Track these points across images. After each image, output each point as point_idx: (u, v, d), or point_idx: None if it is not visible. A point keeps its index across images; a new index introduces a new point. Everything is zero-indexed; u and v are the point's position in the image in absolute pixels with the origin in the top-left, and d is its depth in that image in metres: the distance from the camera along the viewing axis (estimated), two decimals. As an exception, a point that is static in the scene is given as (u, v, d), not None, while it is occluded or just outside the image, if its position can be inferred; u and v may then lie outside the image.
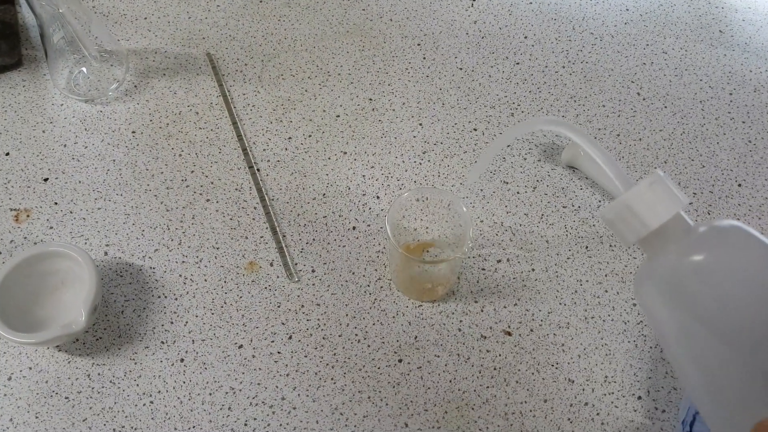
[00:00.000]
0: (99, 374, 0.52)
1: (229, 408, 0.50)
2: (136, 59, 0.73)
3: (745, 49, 0.76)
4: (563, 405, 0.51)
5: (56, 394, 0.51)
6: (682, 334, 0.35)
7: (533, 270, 0.58)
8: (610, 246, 0.60)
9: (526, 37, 0.76)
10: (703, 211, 0.62)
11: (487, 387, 0.52)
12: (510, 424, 0.50)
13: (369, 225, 0.61)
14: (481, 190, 0.63)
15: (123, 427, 0.50)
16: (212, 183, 0.63)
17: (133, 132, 0.67)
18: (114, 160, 0.65)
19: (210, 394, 0.51)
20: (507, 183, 0.63)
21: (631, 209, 0.35)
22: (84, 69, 0.70)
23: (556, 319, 0.55)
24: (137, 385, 0.52)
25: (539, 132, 0.67)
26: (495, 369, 0.53)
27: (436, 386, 0.52)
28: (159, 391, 0.51)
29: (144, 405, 0.51)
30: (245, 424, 0.50)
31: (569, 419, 0.50)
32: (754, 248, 0.33)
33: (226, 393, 0.51)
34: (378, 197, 0.62)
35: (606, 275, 0.58)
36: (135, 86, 0.70)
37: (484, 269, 0.58)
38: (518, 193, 0.63)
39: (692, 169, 0.65)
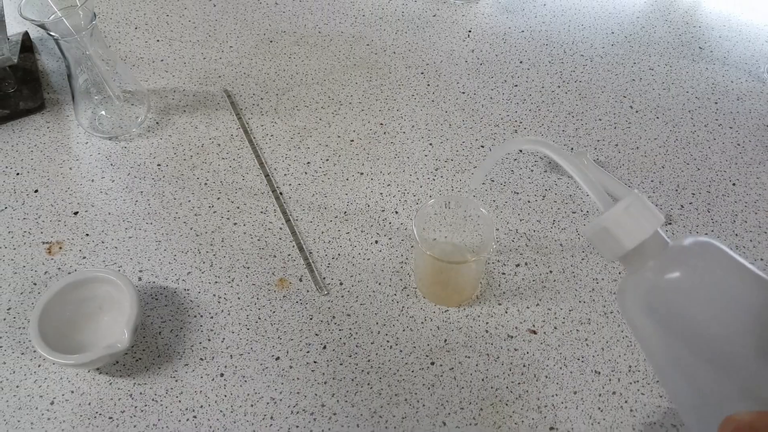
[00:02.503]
0: (141, 393, 0.52)
1: (272, 417, 0.51)
2: (156, 98, 0.75)
3: (724, 62, 0.80)
4: (592, 395, 0.52)
5: (100, 415, 0.52)
6: (660, 346, 0.36)
7: (551, 272, 0.60)
8: (621, 246, 0.62)
9: (521, 62, 0.80)
10: (703, 209, 0.65)
11: (519, 383, 0.53)
12: (543, 417, 0.51)
13: (390, 238, 0.62)
14: (494, 201, 0.65)
15: (168, 442, 0.50)
16: (238, 208, 0.65)
17: (158, 165, 0.69)
18: (141, 192, 0.66)
19: (252, 405, 0.51)
20: (517, 193, 0.66)
21: (608, 231, 0.35)
22: (103, 112, 0.72)
23: (577, 316, 0.57)
24: (179, 401, 0.52)
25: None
26: (524, 366, 0.54)
27: (470, 385, 0.53)
28: (201, 406, 0.52)
29: (188, 420, 0.51)
30: (288, 430, 0.50)
31: (599, 408, 0.51)
32: (726, 265, 0.35)
33: (267, 403, 0.52)
34: (396, 212, 0.64)
35: (620, 273, 0.60)
36: (157, 123, 0.73)
37: (504, 273, 0.60)
38: (529, 201, 0.65)
39: (688, 171, 0.68)
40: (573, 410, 0.51)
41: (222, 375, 0.53)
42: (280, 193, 0.66)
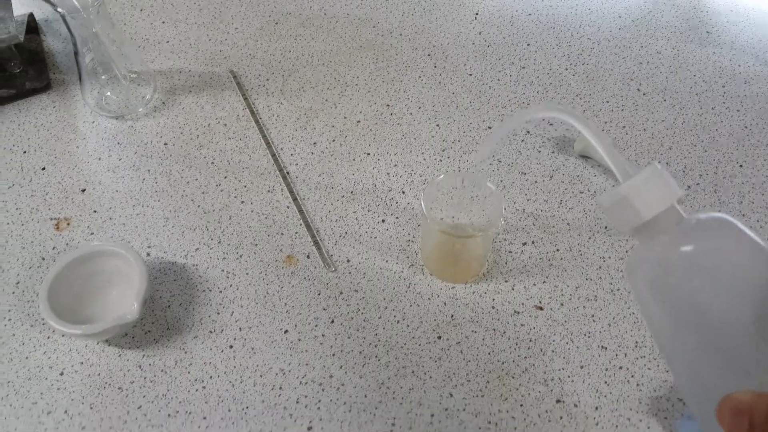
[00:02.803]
0: (150, 365, 0.54)
1: (280, 388, 0.52)
2: (163, 79, 0.77)
3: (732, 46, 0.82)
4: (599, 370, 0.54)
5: (109, 385, 0.53)
6: (665, 319, 0.36)
7: (558, 250, 0.61)
8: (627, 225, 0.63)
9: (528, 45, 0.81)
10: (710, 190, 0.66)
11: (525, 357, 0.54)
12: (550, 390, 0.53)
13: (397, 218, 0.64)
14: (501, 181, 0.67)
15: (177, 411, 0.52)
16: (245, 186, 0.66)
17: (165, 144, 0.70)
18: (149, 170, 0.68)
19: (261, 376, 0.53)
20: (525, 174, 0.67)
21: (627, 200, 0.36)
22: (110, 92, 0.74)
23: (584, 293, 0.58)
24: (188, 372, 0.54)
25: (550, 126, 0.72)
26: (531, 341, 0.55)
27: (476, 359, 0.54)
28: (210, 377, 0.53)
29: (197, 390, 0.53)
30: (297, 402, 0.52)
31: (606, 382, 0.53)
32: (739, 241, 0.35)
33: (276, 374, 0.53)
34: (403, 192, 0.66)
35: (626, 251, 0.61)
36: (163, 103, 0.74)
37: (511, 252, 0.61)
38: (536, 182, 0.67)
39: (696, 153, 0.70)
40: (579, 384, 0.53)
41: (231, 347, 0.55)
42: (287, 173, 0.68)
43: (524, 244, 0.62)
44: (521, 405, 0.52)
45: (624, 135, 0.71)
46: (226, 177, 0.67)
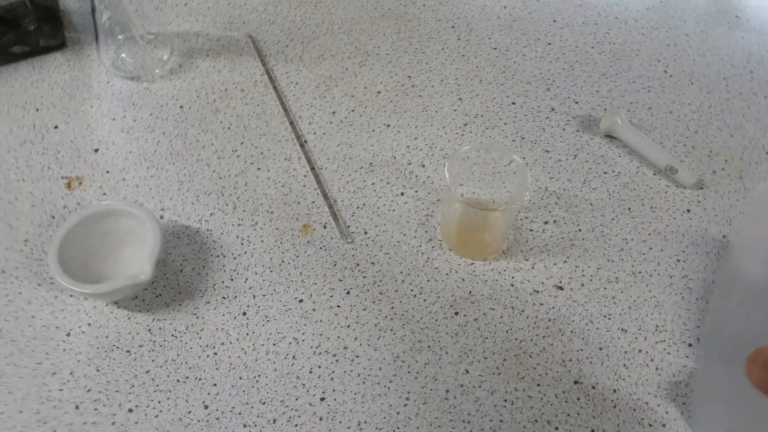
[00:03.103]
0: (160, 329, 0.53)
1: (294, 357, 0.51)
2: (180, 41, 0.74)
3: (761, 32, 0.79)
4: (618, 352, 0.52)
5: (117, 348, 0.52)
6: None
7: (580, 230, 0.59)
8: (651, 208, 0.61)
9: (554, 21, 0.78)
10: (735, 176, 0.64)
11: (543, 336, 0.53)
12: (568, 370, 0.51)
13: (416, 191, 0.62)
14: (524, 158, 0.64)
15: (187, 377, 0.50)
16: (262, 153, 0.64)
17: (181, 107, 0.68)
18: (164, 132, 0.66)
19: (274, 344, 0.52)
20: (548, 152, 0.65)
21: None
22: (125, 54, 0.71)
23: (605, 275, 0.56)
24: (200, 338, 0.52)
25: (575, 104, 0.69)
26: (549, 320, 0.54)
27: (494, 336, 0.53)
28: (222, 343, 0.52)
29: (208, 356, 0.51)
30: (310, 372, 0.50)
31: (624, 365, 0.51)
32: None
33: (290, 343, 0.52)
34: (423, 165, 0.64)
35: (649, 234, 0.59)
36: (180, 66, 0.72)
37: (532, 230, 0.59)
38: (560, 160, 0.64)
39: (722, 138, 0.67)
40: (598, 366, 0.51)
41: (245, 314, 0.53)
42: (305, 141, 0.65)
43: (546, 222, 0.60)
44: (538, 384, 0.50)
45: (650, 117, 0.69)
46: (242, 143, 0.65)
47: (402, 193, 0.62)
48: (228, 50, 0.74)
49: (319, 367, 0.50)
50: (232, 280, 0.55)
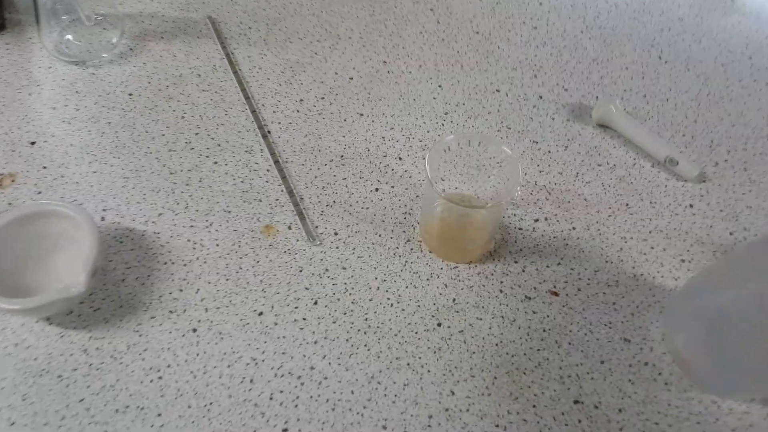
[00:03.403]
0: (97, 349, 0.44)
1: (251, 381, 0.43)
2: (132, 23, 0.66)
3: (758, 17, 0.73)
4: (622, 366, 0.45)
5: (47, 372, 0.43)
6: None
7: (574, 228, 0.52)
8: (651, 203, 0.54)
9: (541, 4, 0.71)
10: (739, 167, 0.58)
11: (538, 350, 0.45)
12: (567, 388, 0.44)
13: (393, 186, 0.54)
14: (511, 150, 0.57)
15: (127, 406, 0.42)
16: (219, 145, 0.56)
17: (130, 94, 0.60)
18: (109, 123, 0.57)
19: (228, 366, 0.44)
20: (537, 143, 0.58)
21: None
22: (71, 36, 0.63)
23: (604, 278, 0.50)
24: (143, 359, 0.44)
25: (565, 91, 0.62)
26: (544, 330, 0.46)
27: (482, 350, 0.45)
28: (169, 365, 0.44)
29: (152, 381, 0.43)
30: (270, 398, 0.42)
31: (630, 380, 0.44)
32: None
33: (247, 364, 0.44)
34: (400, 158, 0.56)
35: (650, 232, 0.52)
36: (131, 49, 0.63)
37: (521, 229, 0.52)
38: (549, 152, 0.57)
39: (722, 127, 0.61)
40: (600, 381, 0.44)
41: (194, 330, 0.45)
42: (268, 132, 0.57)
43: (536, 220, 0.53)
44: (534, 406, 0.43)
45: (645, 105, 0.62)
46: (197, 133, 0.57)
47: (377, 189, 0.54)
48: (185, 33, 0.65)
49: (281, 392, 0.43)
50: (181, 290, 0.47)
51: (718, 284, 0.42)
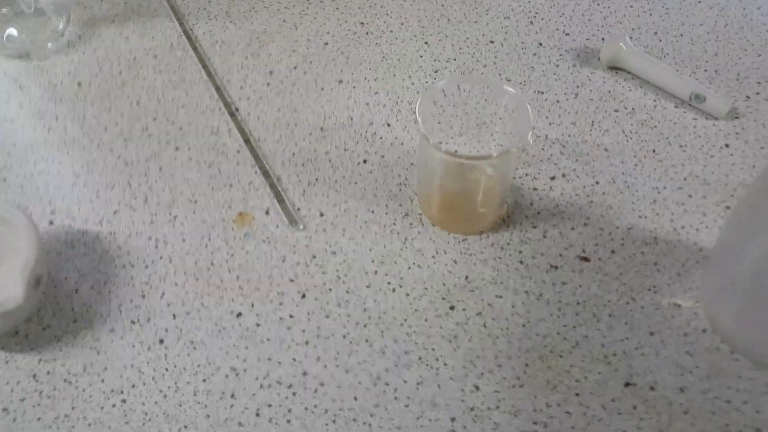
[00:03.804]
0: (48, 373, 0.36)
1: (233, 395, 0.35)
2: (79, 9, 0.57)
3: (767, -59, 0.64)
4: (675, 336, 0.36)
5: (-10, 408, 0.35)
6: None
7: (597, 183, 0.44)
8: (681, 147, 0.46)
9: (528, -52, 0.63)
10: (775, 100, 0.49)
11: (574, 327, 0.37)
12: (614, 369, 0.35)
13: (383, 156, 0.46)
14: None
15: (86, 440, 0.33)
16: (180, 129, 0.48)
17: (79, 83, 0.51)
18: (57, 117, 0.49)
19: (204, 380, 0.35)
20: (542, 93, 0.50)
21: None
22: (10, 29, 0.54)
23: (639, 236, 0.41)
24: (102, 381, 0.35)
25: (566, 36, 0.54)
26: (578, 304, 0.38)
27: (507, 334, 0.37)
28: (134, 386, 0.35)
29: (114, 406, 0.34)
30: (257, 414, 0.34)
31: (688, 352, 0.36)
32: None
33: (227, 376, 0.35)
34: (389, 124, 0.48)
35: (685, 179, 0.44)
36: (79, 37, 0.55)
37: (536, 189, 0.44)
38: (558, 102, 0.49)
39: (747, 59, 0.52)
40: (653, 358, 0.36)
41: (162, 342, 0.37)
42: (236, 109, 0.49)
43: (552, 178, 0.44)
44: (577, 394, 0.34)
45: (657, 42, 0.54)
46: (155, 119, 0.49)
47: (365, 161, 0.46)
48: (138, 14, 0.57)
49: (270, 405, 0.34)
50: (143, 296, 0.39)
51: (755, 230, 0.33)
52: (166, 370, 0.36)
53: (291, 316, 0.38)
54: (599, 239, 0.41)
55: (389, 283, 0.39)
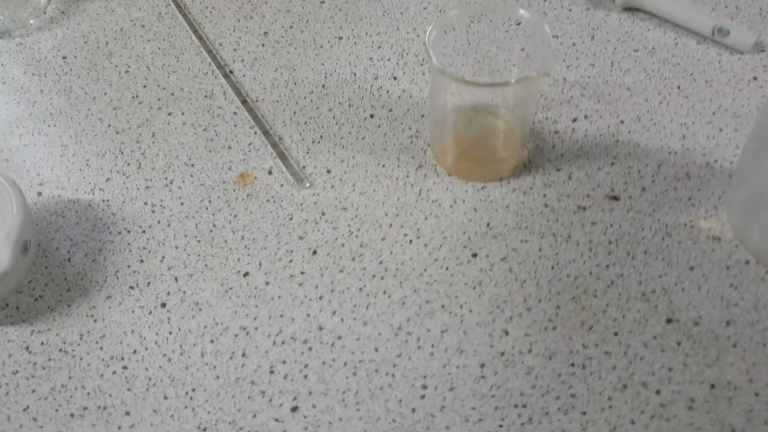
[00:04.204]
0: (42, 343, 0.35)
1: (244, 354, 0.34)
2: (58, -16, 0.58)
3: None
4: (717, 269, 0.36)
5: (-18, 385, 0.34)
6: None
7: (622, 122, 0.44)
8: (706, 82, 0.46)
9: None
10: (805, 32, 0.49)
11: (607, 266, 0.36)
12: (654, 306, 0.35)
13: (391, 110, 0.46)
14: (522, 49, 0.49)
15: (85, 407, 0.33)
16: (173, 94, 0.48)
17: (64, 57, 0.51)
18: (42, 90, 0.49)
19: (212, 341, 0.35)
20: (557, 37, 0.49)
21: None
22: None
23: (670, 172, 0.41)
24: (101, 348, 0.35)
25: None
26: (610, 243, 0.37)
27: (534, 277, 0.36)
28: (135, 351, 0.35)
29: (114, 373, 0.34)
30: (271, 371, 0.33)
31: (732, 285, 0.35)
32: None
33: (236, 336, 0.35)
34: (395, 78, 0.48)
35: (714, 113, 0.44)
36: (62, 12, 0.55)
37: (558, 132, 0.43)
38: (574, 45, 0.49)
39: (773, -6, 0.52)
40: (694, 292, 0.35)
41: (164, 305, 0.36)
42: (230, 72, 0.49)
43: (574, 120, 0.44)
44: (615, 333, 0.34)
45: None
46: (145, 86, 0.49)
47: (372, 116, 0.46)
48: (122, -14, 0.57)
49: (284, 362, 0.34)
50: (141, 261, 0.38)
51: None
52: (170, 333, 0.35)
53: (302, 273, 0.37)
54: (628, 178, 0.40)
55: (405, 234, 0.39)
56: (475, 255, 0.38)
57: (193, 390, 0.33)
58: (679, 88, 0.46)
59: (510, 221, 0.39)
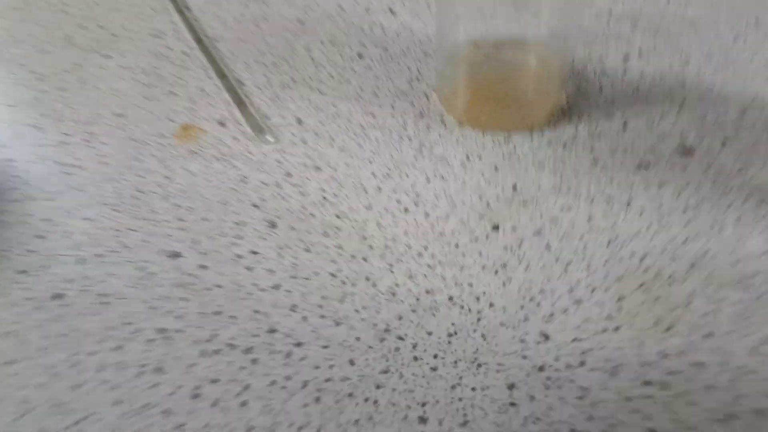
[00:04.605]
0: None
1: (158, 369, 0.23)
2: None
3: None
4: None
5: None
6: None
7: (687, 62, 0.32)
8: (799, 12, 0.34)
9: None
10: None
11: (685, 240, 0.25)
12: (757, 296, 0.23)
13: (386, 48, 0.35)
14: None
15: (-71, 448, 0.22)
16: (114, 35, 0.37)
17: (-14, -2, 0.41)
18: (-49, 34, 0.38)
19: (116, 348, 0.23)
20: (594, -37, 0.38)
21: None
22: None
23: (760, 119, 0.29)
24: (-35, 358, 0.24)
25: None
26: (686, 210, 0.26)
27: (585, 257, 0.25)
28: (8, 362, 0.23)
29: (-23, 394, 0.23)
30: (195, 396, 0.22)
31: None
32: None
33: (150, 341, 0.23)
34: (391, 10, 0.37)
35: (815, 47, 0.32)
36: (-7, -49, 0.45)
37: (606, 72, 0.32)
38: (617, -29, 0.37)
39: None
40: (821, 281, 0.23)
41: (60, 297, 0.25)
42: (186, 7, 0.38)
43: (626, 59, 0.32)
44: (707, 336, 0.22)
45: None
46: (82, 26, 0.38)
47: (360, 55, 0.34)
48: None
49: (215, 382, 0.22)
50: (41, 237, 0.27)
51: None
52: (64, 336, 0.24)
53: (253, 253, 0.26)
54: (702, 127, 0.29)
55: (399, 201, 0.27)
56: (496, 228, 0.26)
57: (84, 418, 0.22)
58: (756, 20, 0.34)
59: (545, 183, 0.27)
